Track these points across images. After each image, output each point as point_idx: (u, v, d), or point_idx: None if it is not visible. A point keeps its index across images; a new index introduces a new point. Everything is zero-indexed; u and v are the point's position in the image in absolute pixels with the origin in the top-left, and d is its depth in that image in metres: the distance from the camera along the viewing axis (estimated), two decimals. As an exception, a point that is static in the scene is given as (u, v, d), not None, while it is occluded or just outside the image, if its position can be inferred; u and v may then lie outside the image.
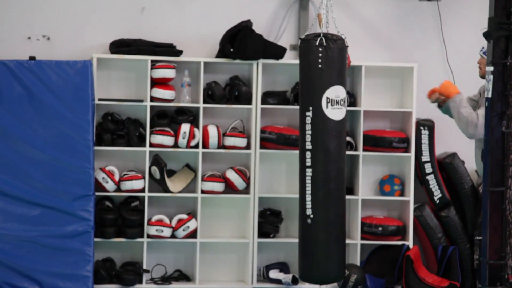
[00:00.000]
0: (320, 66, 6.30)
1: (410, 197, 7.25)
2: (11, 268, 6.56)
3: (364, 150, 7.22)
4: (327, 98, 6.34)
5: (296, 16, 7.30)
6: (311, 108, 6.36)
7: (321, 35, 6.25)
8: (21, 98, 6.70)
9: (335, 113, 6.39)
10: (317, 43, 6.26)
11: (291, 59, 7.24)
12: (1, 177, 6.62)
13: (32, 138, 6.69)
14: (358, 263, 7.16)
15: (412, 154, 7.24)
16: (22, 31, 6.91)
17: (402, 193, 7.33)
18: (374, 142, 7.23)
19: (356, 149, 7.24)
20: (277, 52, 7.07)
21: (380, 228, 7.17)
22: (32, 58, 6.77)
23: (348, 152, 6.93)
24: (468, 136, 5.31)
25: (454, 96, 5.37)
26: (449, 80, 5.46)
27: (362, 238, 7.20)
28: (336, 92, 6.36)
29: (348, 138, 7.12)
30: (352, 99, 7.24)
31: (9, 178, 6.64)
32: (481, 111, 5.26)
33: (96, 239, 6.79)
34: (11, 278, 6.55)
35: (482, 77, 5.46)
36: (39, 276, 6.57)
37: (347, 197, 6.87)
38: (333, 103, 6.40)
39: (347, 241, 6.96)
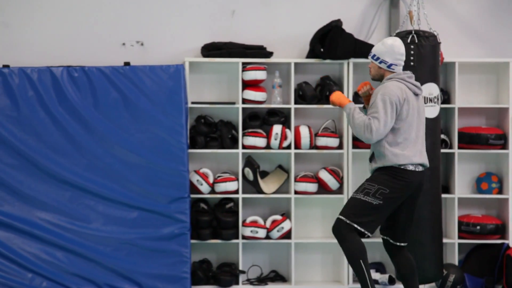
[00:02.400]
0: (412, 63, 6.25)
1: (509, 194, 7.09)
2: (112, 270, 6.70)
3: (459, 147, 7.10)
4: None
5: (386, 14, 7.23)
6: (404, 106, 6.30)
7: (413, 32, 6.19)
8: (117, 103, 6.84)
9: (429, 111, 6.32)
10: (408, 40, 6.21)
11: (382, 57, 7.17)
12: (100, 181, 6.77)
13: (128, 142, 6.82)
14: (456, 263, 7.04)
15: (510, 150, 7.07)
16: (116, 38, 7.06)
17: (500, 191, 7.18)
18: (469, 140, 7.10)
19: (451, 147, 7.12)
20: (368, 50, 6.93)
21: (478, 227, 7.03)
22: (126, 63, 6.91)
23: (443, 150, 6.84)
24: (366, 140, 5.38)
25: (347, 104, 5.48)
26: (338, 91, 5.54)
27: (459, 237, 7.08)
28: (429, 89, 6.30)
29: (442, 136, 7.01)
30: (446, 96, 7.13)
31: (108, 181, 6.79)
32: (374, 112, 5.33)
33: (193, 241, 6.89)
34: (111, 280, 6.69)
35: (373, 79, 5.56)
36: (138, 278, 6.70)
37: (443, 195, 6.78)
38: (427, 101, 6.33)
39: (444, 240, 6.88)
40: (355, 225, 5.33)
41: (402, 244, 5.57)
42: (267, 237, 7.01)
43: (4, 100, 6.79)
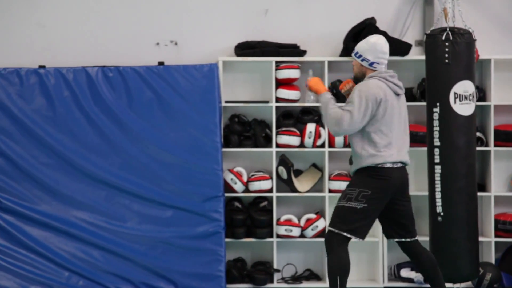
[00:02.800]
0: (447, 61, 6.21)
1: (545, 192, 7.02)
2: (147, 268, 6.74)
3: (495, 145, 7.03)
4: (455, 93, 6.24)
5: (421, 11, 7.19)
6: (438, 104, 6.28)
7: (448, 29, 6.15)
8: (151, 102, 6.88)
9: (464, 109, 6.28)
10: (443, 38, 6.16)
11: (416, 55, 7.14)
12: (135, 180, 6.81)
13: (162, 141, 6.86)
14: (493, 261, 6.98)
15: (546, 148, 7.00)
16: (151, 38, 7.10)
17: (537, 189, 7.11)
18: (505, 137, 7.03)
19: (487, 145, 7.06)
20: (402, 48, 6.99)
21: (515, 225, 6.97)
22: (160, 63, 6.95)
23: (478, 148, 6.79)
24: (333, 133, 5.31)
25: (324, 93, 5.40)
26: (316, 77, 5.43)
27: (496, 236, 7.01)
28: (464, 87, 6.25)
29: (478, 134, 6.96)
30: (482, 93, 7.07)
31: (143, 181, 6.83)
32: (349, 107, 5.25)
33: (227, 240, 6.91)
34: (147, 278, 6.73)
35: (355, 76, 5.48)
36: (174, 276, 6.73)
37: (479, 194, 6.73)
38: (462, 98, 6.28)
39: (481, 238, 6.82)
40: (345, 234, 5.26)
41: (410, 239, 5.47)
42: (302, 235, 7.01)
43: (40, 100, 6.87)
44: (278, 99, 7.02)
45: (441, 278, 5.48)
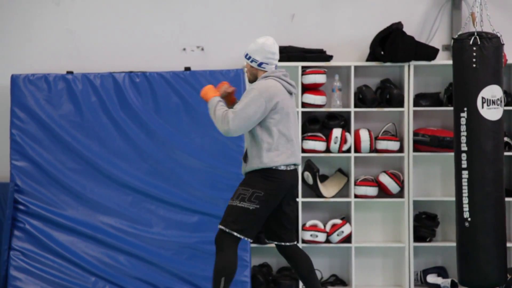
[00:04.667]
0: (474, 65, 6.18)
1: None
2: (172, 273, 6.75)
3: (523, 150, 7.00)
4: (483, 98, 6.21)
5: (448, 16, 7.17)
6: (465, 109, 6.25)
7: (475, 33, 6.13)
8: (178, 107, 6.90)
9: (492, 113, 6.24)
10: (471, 42, 6.14)
11: (444, 59, 7.12)
12: (161, 185, 6.83)
13: (188, 147, 6.87)
14: (520, 267, 6.94)
15: None
16: (177, 43, 7.12)
17: None
18: (534, 142, 7.00)
19: (514, 150, 7.03)
20: (429, 53, 6.97)
21: (543, 231, 6.93)
22: (187, 68, 6.97)
23: (506, 153, 6.75)
24: (224, 132, 5.22)
25: (213, 97, 5.34)
26: (209, 85, 5.45)
27: (524, 241, 6.98)
28: (492, 91, 6.22)
29: (506, 139, 6.92)
30: (510, 98, 7.03)
31: (169, 186, 6.84)
32: (238, 106, 5.20)
33: (253, 245, 6.90)
34: (173, 284, 6.74)
35: (248, 79, 5.43)
36: (199, 282, 6.74)
37: (507, 199, 6.69)
38: (489, 103, 6.25)
39: (508, 244, 6.78)
40: (235, 233, 5.21)
41: (289, 243, 5.42)
42: (327, 241, 6.99)
43: (68, 106, 6.90)
44: (304, 104, 7.02)
45: (318, 282, 5.44)
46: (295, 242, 5.45)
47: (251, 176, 5.29)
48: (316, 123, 7.07)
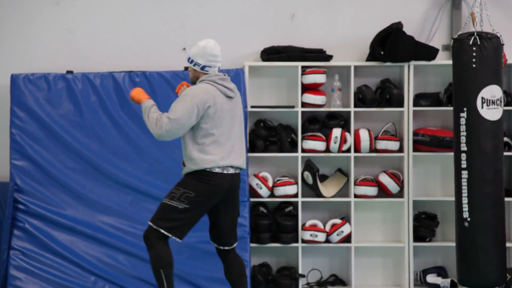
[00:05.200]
0: (474, 65, 6.18)
1: None
2: (173, 274, 6.73)
3: (522, 150, 7.00)
4: (482, 98, 6.21)
5: (448, 16, 7.17)
6: (465, 109, 6.25)
7: (475, 34, 6.13)
8: (177, 107, 6.89)
9: (491, 113, 6.24)
10: (471, 42, 6.14)
11: (443, 59, 7.12)
12: (160, 184, 6.83)
13: (188, 147, 6.87)
14: (519, 267, 6.94)
15: None
16: (177, 43, 7.12)
17: None
18: (533, 142, 7.00)
19: (514, 150, 7.03)
20: (429, 53, 6.97)
21: (543, 231, 6.93)
22: (186, 68, 6.97)
23: (506, 153, 6.74)
24: (157, 136, 5.24)
25: (145, 100, 5.36)
26: (139, 88, 5.48)
27: (523, 241, 6.98)
28: (492, 91, 6.22)
29: (505, 139, 6.92)
30: (509, 98, 7.03)
31: (168, 185, 6.78)
32: (172, 111, 5.22)
33: (252, 245, 6.90)
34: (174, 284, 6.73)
35: (191, 82, 5.45)
36: (198, 281, 6.74)
37: (507, 199, 6.69)
38: (489, 103, 6.25)
39: (508, 244, 6.78)
40: (162, 230, 5.22)
41: (227, 247, 5.46)
42: (327, 241, 7.00)
43: (67, 105, 6.91)
44: (304, 104, 7.02)
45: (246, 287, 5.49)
46: (233, 246, 5.47)
47: (186, 177, 5.32)
48: (316, 123, 7.07)
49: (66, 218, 6.81)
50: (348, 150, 7.03)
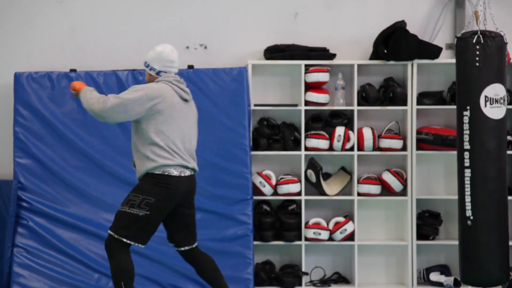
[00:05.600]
0: (477, 64, 6.18)
1: None
2: (176, 270, 6.76)
3: (526, 149, 6.99)
4: (486, 96, 6.20)
5: (451, 14, 7.16)
6: (468, 107, 6.25)
7: (479, 32, 6.12)
8: (181, 106, 6.90)
9: (495, 112, 6.24)
10: (474, 40, 6.14)
11: (447, 58, 7.12)
12: (164, 183, 6.83)
13: (191, 145, 6.87)
14: (523, 266, 6.93)
15: None
16: (180, 41, 7.13)
17: None
18: (537, 141, 6.99)
19: (517, 148, 7.02)
20: (432, 51, 6.97)
21: (546, 230, 6.91)
22: (190, 66, 6.97)
23: (509, 152, 6.73)
24: (98, 111, 5.11)
25: (85, 87, 5.29)
26: (78, 81, 5.41)
27: (526, 240, 6.96)
28: (495, 90, 6.21)
29: (509, 137, 6.92)
30: (513, 97, 7.03)
31: (172, 184, 6.84)
32: (125, 95, 5.14)
33: (256, 242, 6.91)
34: (176, 281, 6.75)
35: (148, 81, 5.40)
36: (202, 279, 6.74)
37: (510, 197, 6.67)
38: (492, 102, 6.25)
39: (511, 243, 6.77)
40: (124, 239, 5.15)
41: (187, 247, 5.41)
42: (330, 239, 7.00)
43: (71, 104, 6.92)
44: (307, 103, 7.02)
45: (224, 281, 5.43)
46: (194, 245, 5.42)
47: (142, 182, 5.22)
48: (319, 121, 7.07)
49: (70, 215, 6.82)
50: (352, 149, 7.03)
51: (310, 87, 7.03)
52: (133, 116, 5.16)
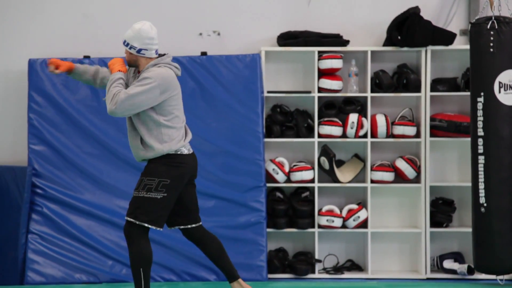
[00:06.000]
0: (492, 50, 6.16)
1: None
2: (189, 258, 6.78)
3: (540, 135, 6.95)
4: (500, 83, 6.18)
5: (466, 0, 7.12)
6: (482, 93, 6.23)
7: (493, 18, 6.09)
8: (194, 92, 6.92)
9: (509, 98, 6.22)
10: (488, 26, 6.11)
11: (461, 44, 7.08)
12: (177, 169, 6.85)
13: (204, 132, 6.89)
14: (537, 253, 6.91)
15: None
16: (194, 28, 7.13)
17: None
18: (551, 127, 6.95)
19: (531, 135, 6.98)
20: (446, 37, 6.93)
21: (560, 217, 6.87)
22: (203, 53, 6.97)
23: (523, 138, 6.70)
24: (109, 111, 5.13)
25: (116, 72, 5.25)
26: (120, 58, 5.36)
27: (540, 227, 6.93)
28: (509, 76, 6.20)
29: (523, 124, 6.88)
30: (527, 83, 6.99)
31: (185, 170, 6.86)
32: (132, 90, 5.10)
33: (269, 230, 6.92)
34: (189, 268, 6.77)
35: (129, 65, 5.34)
36: (215, 266, 6.75)
37: (524, 184, 6.66)
38: (506, 88, 6.23)
39: (525, 230, 6.75)
40: (146, 224, 5.13)
41: (194, 225, 5.39)
42: (343, 226, 7.00)
43: (85, 91, 6.94)
44: (320, 89, 7.01)
45: (230, 263, 5.44)
46: (200, 223, 5.43)
47: (155, 164, 5.20)
48: (332, 108, 7.06)
49: (84, 202, 6.85)
50: (365, 136, 7.02)
51: (324, 73, 7.02)
52: (142, 109, 5.16)
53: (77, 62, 6.94)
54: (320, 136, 7.01)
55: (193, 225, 5.40)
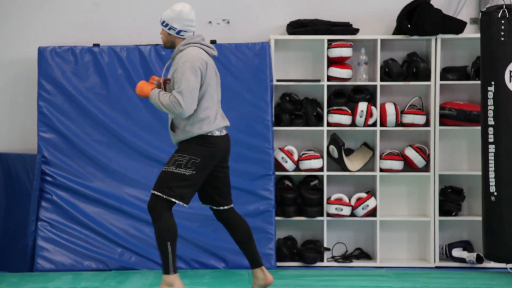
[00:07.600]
0: (502, 39, 6.15)
1: None
2: (198, 245, 6.80)
3: (550, 124, 6.94)
4: (511, 72, 6.18)
5: (476, -12, 7.12)
6: (493, 82, 6.23)
7: (504, 6, 6.08)
8: (203, 81, 6.91)
9: (519, 87, 6.21)
10: (499, 15, 6.09)
11: (471, 33, 7.06)
12: (186, 158, 6.85)
13: (214, 120, 6.88)
14: (546, 242, 6.91)
15: None
16: (203, 16, 7.11)
17: None
18: (562, 116, 6.94)
19: (541, 124, 6.97)
20: (456, 26, 6.91)
21: None
22: (213, 41, 6.96)
23: (533, 127, 6.69)
24: (180, 116, 5.21)
25: (151, 92, 5.31)
26: (141, 81, 5.40)
27: (550, 216, 6.93)
28: (520, 65, 6.19)
29: (533, 113, 6.87)
30: (537, 72, 6.97)
31: (194, 158, 6.86)
32: (179, 84, 5.16)
33: (277, 218, 6.93)
34: (198, 256, 6.79)
35: (164, 46, 5.42)
36: (224, 254, 6.78)
37: (534, 173, 6.65)
38: (517, 77, 6.22)
39: (535, 219, 6.75)
40: (173, 199, 5.21)
41: (226, 207, 5.46)
42: (352, 214, 7.00)
43: (94, 78, 6.94)
44: (329, 78, 7.00)
45: (256, 249, 5.47)
46: (231, 205, 5.48)
47: (187, 143, 5.29)
48: (341, 97, 7.05)
49: (93, 190, 6.86)
50: (374, 124, 7.02)
51: (333, 62, 7.01)
52: (199, 89, 5.23)
53: (86, 50, 6.95)
54: (329, 124, 7.01)
55: (225, 207, 5.46)
